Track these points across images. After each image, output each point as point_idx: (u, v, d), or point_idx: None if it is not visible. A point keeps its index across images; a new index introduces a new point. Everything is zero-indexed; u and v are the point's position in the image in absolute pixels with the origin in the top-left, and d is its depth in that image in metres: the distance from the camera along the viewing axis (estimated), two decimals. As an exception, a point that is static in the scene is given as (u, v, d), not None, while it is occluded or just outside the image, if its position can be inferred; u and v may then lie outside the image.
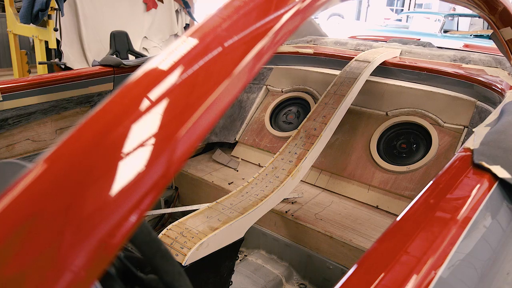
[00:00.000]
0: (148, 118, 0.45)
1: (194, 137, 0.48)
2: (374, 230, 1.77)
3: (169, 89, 0.48)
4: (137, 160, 0.42)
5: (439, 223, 0.78)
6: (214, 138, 2.52)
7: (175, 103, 0.48)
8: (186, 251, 1.33)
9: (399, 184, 1.93)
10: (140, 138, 0.44)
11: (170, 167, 0.45)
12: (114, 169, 0.41)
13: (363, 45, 2.63)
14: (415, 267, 0.66)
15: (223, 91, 0.51)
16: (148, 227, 0.63)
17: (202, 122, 0.49)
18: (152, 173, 0.43)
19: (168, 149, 0.45)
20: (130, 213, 0.40)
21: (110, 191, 0.40)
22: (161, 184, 0.44)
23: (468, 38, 7.58)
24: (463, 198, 0.88)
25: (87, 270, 0.38)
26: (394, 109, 2.14)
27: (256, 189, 1.65)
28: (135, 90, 0.49)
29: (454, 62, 2.33)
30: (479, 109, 1.91)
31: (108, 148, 0.43)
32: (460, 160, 1.04)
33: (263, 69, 2.59)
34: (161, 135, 0.45)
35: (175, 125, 0.46)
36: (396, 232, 0.76)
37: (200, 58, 0.53)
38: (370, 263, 0.68)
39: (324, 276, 1.79)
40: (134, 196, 0.41)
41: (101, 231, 0.38)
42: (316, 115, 1.90)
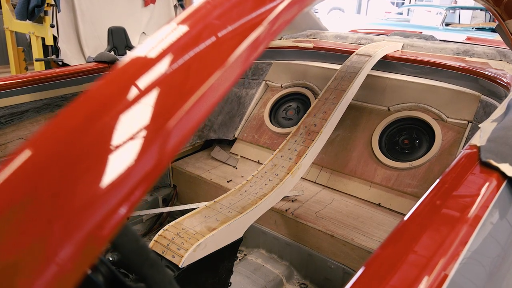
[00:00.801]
0: (139, 107, 0.44)
1: (187, 128, 0.46)
2: (377, 229, 1.73)
3: (160, 77, 0.46)
4: (127, 149, 0.41)
5: (448, 223, 0.75)
6: (213, 135, 2.48)
7: (166, 91, 0.46)
8: (183, 252, 1.30)
9: (402, 180, 1.89)
10: (130, 126, 0.42)
11: (161, 158, 0.43)
12: (103, 159, 0.40)
13: (364, 39, 2.57)
14: (426, 268, 0.63)
15: (216, 80, 0.49)
16: (136, 234, 0.59)
17: (195, 112, 0.47)
18: (143, 164, 0.41)
19: (159, 139, 0.43)
20: (120, 205, 0.39)
21: (98, 181, 0.39)
22: (153, 176, 0.42)
23: (470, 31, 7.50)
24: (471, 198, 0.85)
25: (75, 262, 0.36)
26: (396, 104, 2.09)
27: (255, 188, 1.61)
28: (124, 77, 0.47)
29: (457, 55, 2.27)
30: (483, 103, 1.86)
31: (96, 136, 0.41)
32: (466, 157, 1.00)
33: (262, 64, 2.54)
34: (152, 124, 0.43)
35: (166, 114, 0.45)
36: (403, 232, 0.73)
37: (192, 46, 0.51)
38: (378, 265, 0.65)
39: (325, 276, 1.75)
40: (124, 188, 0.39)
41: (90, 223, 0.37)
42: (316, 110, 1.86)
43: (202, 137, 2.46)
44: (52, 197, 0.37)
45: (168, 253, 1.32)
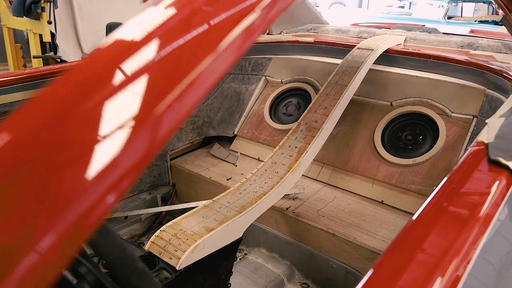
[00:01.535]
0: (124, 91, 0.42)
1: (177, 116, 0.44)
2: (380, 227, 1.69)
3: (146, 60, 0.44)
4: (113, 136, 0.39)
5: (458, 223, 0.73)
6: (212, 132, 2.44)
7: (153, 76, 0.44)
8: (180, 254, 1.26)
9: (405, 177, 1.85)
10: (115, 111, 0.41)
11: (150, 146, 0.42)
12: (89, 146, 0.39)
13: (366, 33, 2.52)
14: (438, 270, 0.61)
15: (208, 66, 0.46)
16: (122, 242, 0.55)
17: (186, 99, 0.45)
18: (130, 152, 0.40)
19: (147, 126, 0.41)
20: (107, 194, 0.38)
21: (85, 169, 0.37)
22: (141, 164, 0.41)
23: (472, 24, 7.42)
24: (481, 198, 0.82)
25: (57, 252, 0.35)
26: (399, 99, 2.04)
27: (254, 186, 1.57)
28: (107, 59, 0.45)
29: (462, 48, 2.22)
30: (489, 97, 1.81)
31: (80, 121, 0.40)
32: (474, 155, 0.95)
33: (262, 59, 2.50)
34: (139, 110, 0.42)
35: (154, 100, 0.43)
36: (412, 232, 0.71)
37: (181, 29, 0.49)
38: (387, 267, 0.63)
39: (327, 275, 1.72)
40: (111, 176, 0.38)
41: (75, 211, 0.36)
42: (317, 106, 1.81)
43: (201, 134, 2.42)
44: (37, 185, 0.36)
45: (165, 254, 1.28)
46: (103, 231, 0.53)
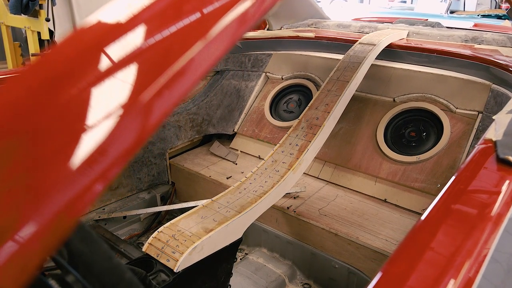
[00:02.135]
0: (110, 76, 0.41)
1: (166, 103, 0.42)
2: (383, 226, 1.66)
3: (133, 44, 0.43)
4: (99, 124, 0.38)
5: (469, 223, 0.71)
6: (212, 130, 2.40)
7: (139, 60, 0.42)
8: (178, 256, 1.23)
9: (409, 175, 1.81)
10: (101, 98, 0.39)
11: (138, 134, 0.40)
12: (74, 133, 0.38)
13: (368, 27, 2.47)
14: (450, 272, 0.59)
15: (198, 53, 0.44)
16: (108, 251, 0.52)
17: (175, 87, 0.43)
18: (118, 140, 0.39)
19: (135, 113, 0.40)
20: (94, 182, 0.37)
21: (70, 157, 0.36)
22: (128, 154, 0.39)
23: (475, 18, 7.34)
24: (491, 198, 0.78)
25: (42, 241, 0.34)
26: (402, 95, 2.00)
27: (254, 185, 1.53)
28: (88, 39, 0.43)
29: (466, 42, 2.17)
30: (494, 93, 1.76)
31: (65, 106, 0.38)
32: (481, 153, 0.92)
33: (262, 55, 2.45)
34: (126, 96, 0.40)
35: (140, 85, 0.41)
36: (421, 233, 0.69)
37: (169, 12, 0.47)
38: (396, 270, 0.61)
39: (329, 276, 1.68)
40: (98, 164, 0.37)
41: (62, 199, 0.35)
42: (318, 103, 1.77)
43: (201, 132, 2.38)
44: (23, 172, 0.35)
45: (163, 256, 1.25)
46: (88, 239, 0.50)
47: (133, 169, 2.10)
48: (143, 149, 2.12)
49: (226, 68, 2.42)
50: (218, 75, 2.43)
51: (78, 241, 0.48)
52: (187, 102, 2.32)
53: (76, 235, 0.48)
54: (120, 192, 2.08)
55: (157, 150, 2.18)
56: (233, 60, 2.42)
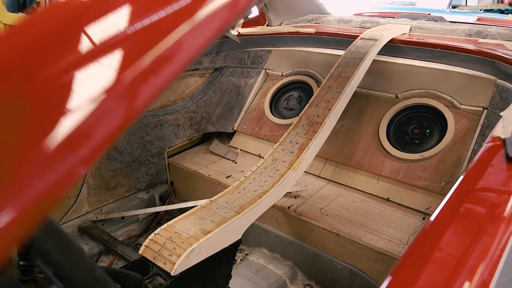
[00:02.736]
0: (91, 55, 0.39)
1: (151, 87, 0.40)
2: (386, 226, 1.62)
3: (116, 23, 0.41)
4: (79, 105, 0.36)
5: (480, 224, 0.68)
6: (211, 128, 2.36)
7: (124, 39, 0.40)
8: (175, 258, 1.20)
9: (412, 173, 1.76)
10: (81, 77, 0.37)
11: (120, 118, 0.38)
12: (54, 113, 0.36)
13: (369, 22, 2.42)
14: (463, 275, 0.57)
15: (184, 35, 0.42)
16: (91, 263, 0.48)
17: (160, 70, 0.41)
18: (99, 123, 0.37)
19: (117, 95, 0.38)
20: (76, 166, 0.35)
21: (50, 139, 0.34)
22: (110, 137, 0.38)
23: (478, 13, 7.26)
24: (502, 197, 0.75)
25: (19, 224, 0.33)
26: (405, 91, 1.96)
27: (254, 185, 1.49)
28: (66, 15, 0.40)
29: (470, 37, 2.13)
30: (500, 88, 1.72)
31: (44, 84, 0.36)
32: (490, 151, 0.88)
33: (261, 51, 2.41)
34: (108, 76, 0.38)
35: (124, 66, 0.39)
36: (431, 235, 0.66)
37: None
38: (406, 274, 0.58)
39: (331, 277, 1.65)
40: (78, 147, 0.36)
41: (40, 183, 0.33)
42: (319, 100, 1.73)
43: (200, 130, 2.34)
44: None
45: (160, 259, 1.22)
46: (69, 250, 0.46)
47: (131, 168, 2.06)
48: (141, 148, 2.08)
49: (225, 65, 2.38)
50: (217, 72, 2.39)
51: (58, 252, 0.45)
52: (185, 100, 2.28)
53: (56, 245, 0.45)
54: (118, 192, 2.04)
55: (156, 149, 2.14)
56: (232, 56, 2.38)
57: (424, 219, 1.66)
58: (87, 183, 1.90)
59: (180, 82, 2.23)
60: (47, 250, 0.45)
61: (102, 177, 1.95)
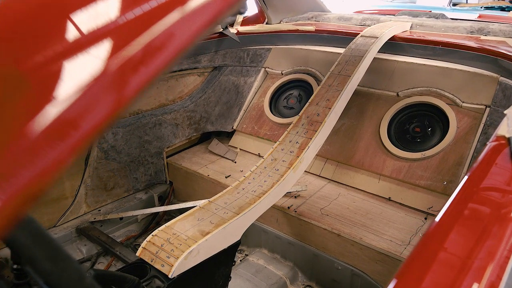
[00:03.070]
0: (77, 40, 0.37)
1: (138, 77, 0.39)
2: (387, 226, 1.60)
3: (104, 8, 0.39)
4: (61, 91, 0.35)
5: (486, 224, 0.66)
6: (210, 127, 2.34)
7: (111, 25, 0.38)
8: (173, 260, 1.18)
9: (414, 172, 1.74)
10: (67, 64, 0.36)
11: (110, 107, 0.37)
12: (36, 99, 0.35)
13: (370, 20, 2.40)
14: (471, 276, 0.55)
15: (174, 24, 0.40)
16: (80, 270, 0.46)
17: (150, 57, 0.39)
18: (86, 111, 0.36)
19: (105, 83, 0.37)
20: (60, 154, 0.34)
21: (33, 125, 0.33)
22: (96, 127, 0.36)
23: (479, 10, 7.23)
24: (508, 198, 0.72)
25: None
26: (406, 89, 1.93)
27: (253, 185, 1.47)
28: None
29: (471, 34, 2.10)
30: (502, 85, 1.69)
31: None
32: (494, 151, 0.85)
33: (261, 50, 2.39)
34: (96, 63, 0.37)
35: (111, 53, 0.38)
36: (437, 236, 0.65)
37: None
38: (412, 277, 0.56)
39: (332, 277, 1.63)
40: (63, 136, 0.34)
41: (24, 173, 0.32)
42: (319, 98, 1.71)
43: (199, 129, 2.32)
44: None
45: (157, 261, 1.20)
46: (56, 257, 0.44)
47: (129, 168, 2.04)
48: (139, 148, 2.06)
49: (224, 63, 2.36)
50: (216, 71, 2.36)
51: (45, 260, 0.42)
52: (184, 99, 2.26)
53: (43, 252, 0.43)
54: (116, 193, 2.02)
55: (154, 149, 2.12)
56: (231, 55, 2.35)
57: (426, 219, 1.64)
58: (84, 183, 1.88)
59: (178, 81, 2.21)
60: (34, 257, 0.43)
61: (100, 178, 1.93)
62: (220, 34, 2.27)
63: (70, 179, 1.84)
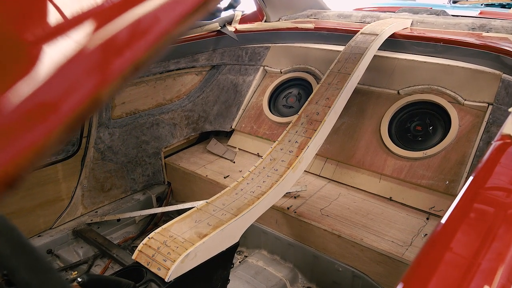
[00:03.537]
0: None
1: (123, 58, 0.36)
2: (388, 226, 1.57)
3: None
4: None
5: (493, 225, 0.64)
6: (208, 127, 2.31)
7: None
8: (170, 264, 1.15)
9: (415, 172, 1.71)
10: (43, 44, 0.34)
11: (89, 92, 0.35)
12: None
13: (369, 17, 2.37)
14: (480, 279, 0.53)
15: (155, 9, 0.38)
16: (62, 282, 0.43)
17: (129, 44, 0.37)
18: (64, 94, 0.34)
19: (86, 65, 0.35)
20: (39, 142, 0.32)
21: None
22: (76, 111, 0.34)
23: (479, 7, 7.20)
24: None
25: None
26: (407, 87, 1.90)
27: (252, 185, 1.44)
28: None
29: (473, 30, 2.07)
30: (505, 83, 1.66)
31: None
32: (499, 150, 0.83)
33: (259, 48, 2.36)
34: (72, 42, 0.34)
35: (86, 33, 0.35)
36: (444, 238, 0.63)
37: None
38: (419, 280, 0.54)
39: (333, 279, 1.60)
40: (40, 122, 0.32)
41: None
42: (319, 97, 1.68)
43: (197, 129, 2.29)
44: None
45: (153, 265, 1.17)
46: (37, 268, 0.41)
47: (126, 169, 2.01)
48: (136, 149, 2.04)
49: (222, 62, 2.33)
50: (214, 69, 2.34)
51: (25, 271, 0.40)
52: (182, 99, 2.23)
53: (23, 263, 0.40)
54: (113, 194, 1.99)
55: (152, 149, 2.09)
56: (229, 53, 2.32)
57: (428, 219, 1.61)
58: (81, 184, 1.85)
59: (176, 80, 2.18)
60: (13, 267, 0.40)
61: (97, 179, 1.91)
62: (218, 32, 2.24)
63: (66, 180, 1.81)
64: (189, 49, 2.13)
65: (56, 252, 1.76)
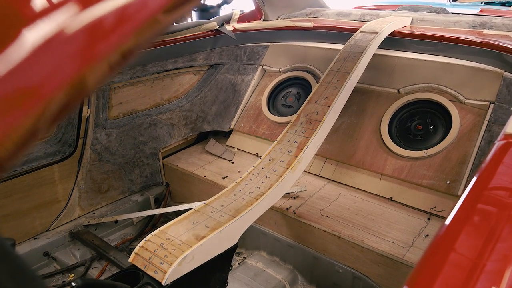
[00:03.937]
0: None
1: (109, 43, 0.35)
2: (389, 227, 1.55)
3: None
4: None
5: (500, 227, 0.62)
6: (207, 127, 2.29)
7: None
8: (167, 267, 1.13)
9: (416, 171, 1.69)
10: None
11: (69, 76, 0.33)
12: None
13: (369, 15, 2.34)
14: (487, 282, 0.52)
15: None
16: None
17: (118, 26, 0.36)
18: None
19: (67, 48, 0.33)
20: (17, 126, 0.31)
21: None
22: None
23: (479, 5, 7.17)
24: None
25: None
26: (407, 86, 1.88)
27: (250, 186, 1.42)
28: None
29: (474, 28, 2.04)
30: (507, 81, 1.64)
31: None
32: (502, 150, 0.81)
33: (258, 47, 2.33)
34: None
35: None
36: (448, 239, 0.61)
37: None
38: (424, 283, 0.53)
39: (333, 281, 1.58)
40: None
41: None
42: (318, 96, 1.66)
43: (195, 129, 2.27)
44: None
45: (150, 268, 1.15)
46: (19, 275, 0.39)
47: (124, 170, 1.99)
48: (134, 149, 2.01)
49: (221, 61, 2.30)
50: (212, 69, 2.31)
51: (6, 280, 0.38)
52: (179, 99, 2.21)
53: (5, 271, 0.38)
54: (110, 195, 1.97)
55: (149, 149, 2.07)
56: (227, 53, 2.30)
57: (429, 219, 1.59)
58: (78, 186, 1.83)
59: (173, 80, 2.16)
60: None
61: (94, 180, 1.89)
62: (216, 31, 2.22)
63: (62, 182, 1.79)
64: (187, 49, 2.10)
65: (53, 254, 1.74)
